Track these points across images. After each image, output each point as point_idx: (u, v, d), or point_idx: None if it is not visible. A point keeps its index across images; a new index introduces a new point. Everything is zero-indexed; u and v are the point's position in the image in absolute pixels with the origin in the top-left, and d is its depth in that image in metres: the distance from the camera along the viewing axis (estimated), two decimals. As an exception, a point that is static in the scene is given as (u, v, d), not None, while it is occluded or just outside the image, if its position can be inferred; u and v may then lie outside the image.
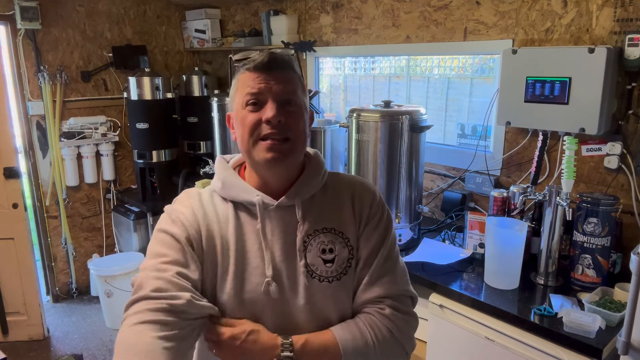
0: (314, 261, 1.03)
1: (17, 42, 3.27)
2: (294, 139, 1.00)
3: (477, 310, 1.67)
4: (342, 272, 1.04)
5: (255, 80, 0.99)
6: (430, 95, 2.63)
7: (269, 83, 0.98)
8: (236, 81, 1.04)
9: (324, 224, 1.05)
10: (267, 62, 0.99)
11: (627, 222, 1.84)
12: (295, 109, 1.00)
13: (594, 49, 1.73)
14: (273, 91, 0.98)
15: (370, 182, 1.15)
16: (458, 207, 2.32)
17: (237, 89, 1.03)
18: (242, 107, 1.00)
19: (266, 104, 0.98)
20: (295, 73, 1.03)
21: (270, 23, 3.17)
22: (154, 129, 3.44)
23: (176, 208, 1.05)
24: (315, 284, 1.02)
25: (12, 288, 3.12)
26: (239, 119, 1.01)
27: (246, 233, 1.03)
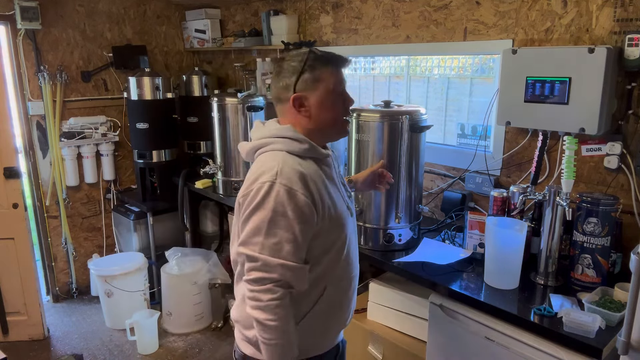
0: (346, 187, 1.51)
1: (17, 42, 3.27)
2: None
3: (477, 310, 1.67)
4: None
5: (341, 75, 1.37)
6: (430, 95, 2.63)
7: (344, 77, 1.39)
8: (321, 74, 1.33)
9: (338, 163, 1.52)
10: (343, 64, 1.37)
11: (627, 222, 1.84)
12: None
13: (594, 49, 1.73)
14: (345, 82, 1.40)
15: None
16: (458, 207, 2.32)
17: (319, 80, 1.33)
18: (331, 93, 1.34)
19: (345, 93, 1.39)
20: None
21: (270, 23, 3.17)
22: (154, 129, 3.44)
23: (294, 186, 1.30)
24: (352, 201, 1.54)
25: (12, 288, 3.12)
26: (329, 102, 1.35)
27: (327, 178, 1.37)
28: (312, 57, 1.33)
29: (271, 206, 1.23)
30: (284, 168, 1.26)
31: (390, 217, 2.08)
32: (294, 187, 1.24)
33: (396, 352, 2.01)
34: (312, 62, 1.33)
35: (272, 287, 1.24)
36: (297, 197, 1.24)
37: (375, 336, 2.09)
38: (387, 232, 2.09)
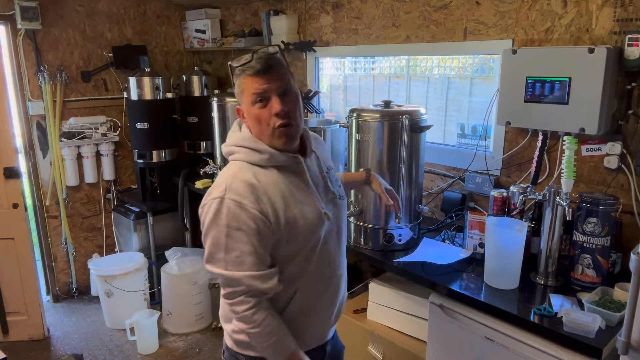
0: (335, 188, 1.44)
1: (17, 42, 3.27)
2: (296, 122, 1.31)
3: (477, 310, 1.67)
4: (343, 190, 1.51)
5: (258, 82, 1.25)
6: (430, 95, 2.63)
7: (269, 83, 1.25)
8: (240, 84, 1.29)
9: (327, 163, 1.48)
10: (264, 68, 1.25)
11: (627, 222, 1.84)
12: (293, 96, 1.30)
13: (593, 49, 1.73)
14: (273, 88, 1.26)
15: None
16: (458, 207, 2.32)
17: (242, 91, 1.29)
18: (252, 105, 1.27)
19: (271, 100, 1.26)
20: (284, 66, 1.30)
21: (270, 23, 3.17)
22: (154, 129, 3.44)
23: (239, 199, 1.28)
24: (341, 202, 1.46)
25: (12, 288, 3.12)
26: (252, 115, 1.29)
27: (294, 186, 1.33)
28: (235, 66, 1.29)
29: (225, 222, 1.24)
30: (234, 182, 1.26)
31: (390, 217, 2.08)
32: (243, 201, 1.24)
33: (396, 352, 2.01)
34: (235, 71, 1.30)
35: (244, 298, 1.28)
36: (248, 210, 1.23)
37: (375, 336, 2.09)
38: (387, 232, 2.09)
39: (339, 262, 1.48)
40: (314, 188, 1.37)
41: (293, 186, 1.32)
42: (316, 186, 1.38)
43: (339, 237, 1.46)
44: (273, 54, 1.30)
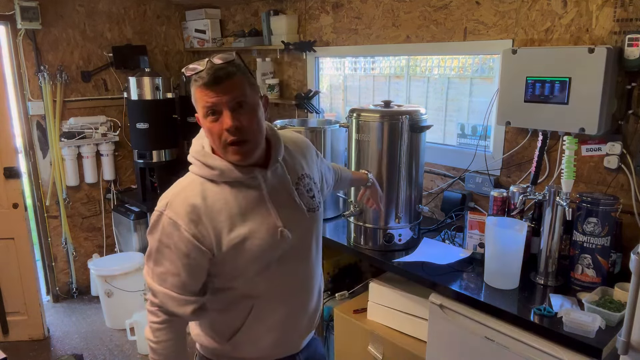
0: (306, 200, 1.35)
1: (17, 42, 3.27)
2: (252, 138, 1.21)
3: (477, 310, 1.67)
4: (320, 200, 1.41)
5: (207, 95, 1.16)
6: (430, 95, 2.63)
7: (218, 95, 1.16)
8: (193, 93, 1.20)
9: (300, 172, 1.37)
10: (212, 80, 1.15)
11: (627, 222, 1.84)
12: (248, 109, 1.19)
13: (593, 49, 1.73)
14: (224, 101, 1.16)
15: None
16: (458, 207, 2.32)
17: (196, 101, 1.21)
18: (204, 117, 1.19)
19: (222, 114, 1.17)
20: (240, 76, 1.19)
21: (270, 23, 3.17)
22: (154, 129, 3.44)
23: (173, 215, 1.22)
24: (311, 215, 1.36)
25: (12, 288, 3.12)
26: (205, 127, 1.21)
27: (248, 203, 1.24)
28: (187, 75, 1.21)
29: (158, 236, 1.22)
30: (176, 200, 1.21)
31: (390, 217, 2.08)
32: (178, 221, 1.18)
33: (396, 352, 2.01)
34: (191, 80, 1.21)
35: (156, 310, 1.25)
36: (181, 232, 1.18)
37: (375, 336, 2.09)
38: (387, 232, 2.09)
39: (305, 277, 1.39)
40: (270, 204, 1.27)
41: (247, 202, 1.24)
42: (276, 201, 1.28)
43: (307, 252, 1.38)
44: (226, 62, 1.19)
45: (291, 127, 2.43)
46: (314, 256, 1.41)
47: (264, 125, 1.26)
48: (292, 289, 1.36)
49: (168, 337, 1.26)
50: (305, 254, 1.38)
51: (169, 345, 1.27)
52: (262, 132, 1.25)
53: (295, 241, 1.31)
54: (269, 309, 1.33)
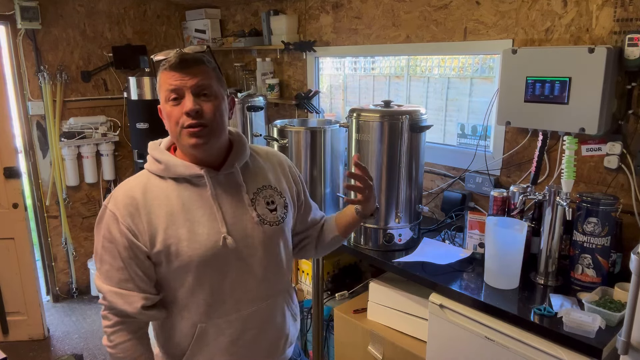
0: (262, 212, 1.28)
1: (17, 42, 3.27)
2: (210, 124, 1.18)
3: (477, 310, 1.67)
4: (283, 217, 1.33)
5: (172, 77, 1.16)
6: (430, 95, 2.63)
7: (183, 79, 1.15)
8: (158, 79, 1.20)
9: (263, 183, 1.32)
10: (179, 62, 1.16)
11: (627, 222, 1.84)
12: (211, 98, 1.18)
13: (593, 49, 1.73)
14: (188, 85, 1.16)
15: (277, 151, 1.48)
16: (458, 207, 2.32)
17: (160, 86, 1.19)
18: (166, 101, 1.18)
19: (184, 98, 1.16)
20: (208, 66, 1.20)
21: (270, 23, 3.17)
22: (154, 129, 3.43)
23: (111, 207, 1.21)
24: (267, 229, 1.28)
25: (12, 288, 3.12)
26: (165, 113, 1.20)
27: (192, 203, 1.20)
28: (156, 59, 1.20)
29: (102, 232, 1.20)
30: (118, 192, 1.21)
31: (390, 217, 2.08)
32: (116, 213, 1.17)
33: (396, 352, 2.01)
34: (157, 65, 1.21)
35: (107, 314, 1.22)
36: (118, 224, 1.17)
37: (375, 336, 2.09)
38: (387, 232, 2.09)
39: (258, 297, 1.28)
40: (217, 208, 1.21)
41: (191, 201, 1.20)
42: (224, 206, 1.22)
43: (261, 269, 1.27)
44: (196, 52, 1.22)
45: (291, 127, 2.43)
46: (272, 274, 1.30)
47: (226, 120, 1.24)
48: (240, 309, 1.26)
49: (124, 338, 1.21)
50: (259, 270, 1.27)
51: (127, 346, 1.21)
52: (223, 126, 1.22)
53: (244, 254, 1.23)
54: (215, 329, 1.25)
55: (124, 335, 1.22)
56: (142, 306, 1.19)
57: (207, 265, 1.19)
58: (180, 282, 1.21)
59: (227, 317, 1.25)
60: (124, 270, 1.18)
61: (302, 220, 1.48)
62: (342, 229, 1.47)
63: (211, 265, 1.20)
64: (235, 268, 1.23)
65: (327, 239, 1.49)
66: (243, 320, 1.27)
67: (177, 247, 1.17)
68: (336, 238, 1.49)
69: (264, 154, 1.40)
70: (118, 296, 1.19)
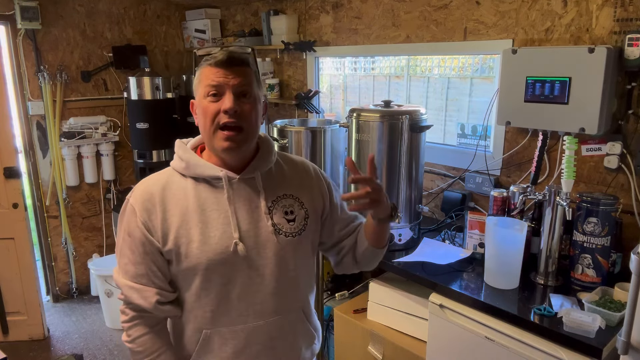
0: (279, 221, 1.23)
1: (17, 42, 3.27)
2: (247, 128, 1.16)
3: (477, 310, 1.67)
4: (302, 229, 1.25)
5: (216, 74, 1.14)
6: (430, 95, 2.63)
7: (227, 77, 1.13)
8: (199, 74, 1.18)
9: (284, 191, 1.26)
10: (226, 59, 1.14)
11: (627, 221, 1.84)
12: (250, 100, 1.16)
13: (594, 49, 1.73)
14: (231, 84, 1.14)
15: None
16: (458, 206, 2.32)
17: (200, 81, 1.17)
18: (204, 97, 1.15)
19: (224, 95, 1.13)
20: (251, 69, 1.18)
21: (270, 23, 3.17)
22: (154, 129, 3.44)
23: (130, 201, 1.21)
24: (282, 239, 1.22)
25: (12, 288, 3.12)
26: (201, 108, 1.17)
27: (208, 205, 1.18)
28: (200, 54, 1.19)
29: (123, 225, 1.21)
30: (140, 186, 1.21)
31: (390, 217, 2.07)
32: (135, 207, 1.18)
33: (396, 352, 2.01)
34: (199, 61, 1.19)
35: (124, 308, 1.22)
36: (136, 218, 1.17)
37: (375, 336, 2.09)
38: (387, 232, 2.08)
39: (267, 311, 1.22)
40: (232, 212, 1.18)
41: (207, 203, 1.18)
42: (240, 211, 1.19)
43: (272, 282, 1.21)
44: (242, 52, 1.19)
45: (291, 127, 2.43)
46: (285, 289, 1.24)
47: (260, 125, 1.22)
48: (247, 320, 1.21)
49: (141, 332, 1.21)
50: (270, 283, 1.21)
51: (145, 340, 1.21)
52: (257, 129, 1.21)
53: (255, 263, 1.19)
54: (219, 337, 1.22)
55: (141, 329, 1.21)
56: (156, 301, 1.19)
57: (214, 270, 1.17)
58: (187, 284, 1.20)
59: (233, 327, 1.21)
60: (140, 264, 1.18)
61: (331, 232, 1.36)
62: (369, 237, 1.31)
63: (219, 270, 1.17)
64: (244, 277, 1.19)
65: (360, 250, 1.34)
66: (248, 333, 1.22)
67: (187, 247, 1.16)
68: (369, 250, 1.32)
69: (291, 162, 1.34)
70: (134, 290, 1.19)
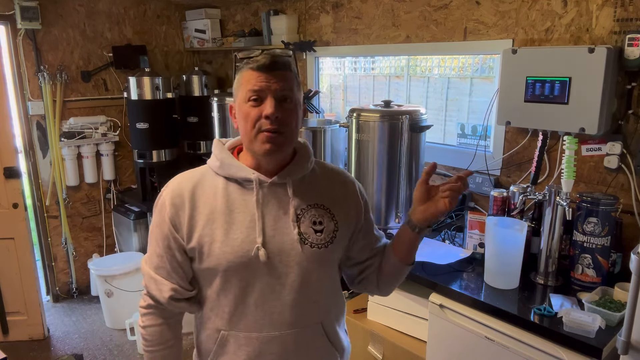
0: (306, 230, 1.19)
1: (17, 42, 3.27)
2: (287, 132, 1.14)
3: (477, 310, 1.67)
4: (329, 241, 1.21)
5: (257, 78, 1.11)
6: (430, 95, 2.63)
7: (269, 82, 1.11)
8: (240, 77, 1.16)
9: (315, 201, 1.22)
10: (268, 64, 1.11)
11: (627, 221, 1.84)
12: (291, 105, 1.14)
13: (594, 49, 1.73)
14: (272, 89, 1.11)
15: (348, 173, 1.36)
16: (458, 206, 2.32)
17: (240, 85, 1.15)
18: (245, 101, 1.13)
19: (266, 100, 1.11)
20: (292, 72, 1.16)
21: (270, 23, 3.17)
22: (154, 128, 3.44)
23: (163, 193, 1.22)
24: (307, 250, 1.18)
25: (12, 288, 3.12)
26: (242, 112, 1.14)
27: (236, 207, 1.17)
28: (242, 57, 1.19)
29: (154, 217, 1.22)
30: (174, 181, 1.22)
31: (390, 217, 2.08)
32: (166, 201, 1.18)
33: (396, 352, 2.01)
34: (239, 63, 1.16)
35: (144, 294, 1.24)
36: (164, 212, 1.18)
37: (375, 336, 2.09)
38: (387, 232, 2.09)
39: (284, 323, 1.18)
40: (259, 215, 1.15)
41: (235, 204, 1.16)
42: (267, 216, 1.17)
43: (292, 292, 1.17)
44: (284, 55, 1.17)
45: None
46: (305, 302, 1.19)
47: (299, 128, 1.20)
48: (262, 329, 1.18)
49: (154, 322, 1.23)
50: (289, 294, 1.17)
51: (155, 330, 1.23)
52: (297, 134, 1.19)
53: (277, 272, 1.16)
54: (234, 340, 1.20)
55: (154, 319, 1.23)
56: (170, 297, 1.19)
57: (234, 273, 1.15)
58: (208, 283, 1.20)
59: (248, 334, 1.18)
60: (162, 257, 1.19)
61: (361, 249, 1.30)
62: (400, 251, 1.25)
63: (238, 273, 1.15)
64: (264, 283, 1.16)
65: (385, 267, 1.29)
66: (263, 342, 1.18)
67: (209, 247, 1.15)
68: (396, 265, 1.26)
69: (327, 171, 1.30)
70: (152, 281, 1.20)
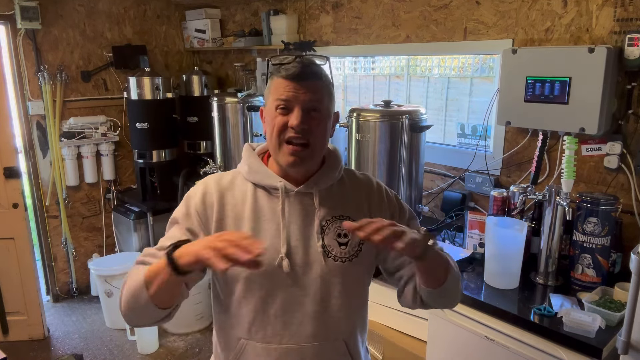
0: (330, 243, 1.15)
1: (17, 42, 3.27)
2: (313, 144, 1.12)
3: (477, 310, 1.67)
4: (354, 255, 1.17)
5: (286, 87, 1.09)
6: (430, 95, 2.63)
7: (297, 92, 1.09)
8: (270, 84, 1.14)
9: (341, 212, 1.18)
10: (298, 73, 1.09)
11: (627, 221, 1.84)
12: (319, 115, 1.11)
13: (594, 49, 1.73)
14: (300, 100, 1.09)
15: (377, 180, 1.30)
16: (458, 206, 2.32)
17: (270, 92, 1.13)
18: (273, 109, 1.11)
19: (293, 110, 1.09)
20: (324, 82, 1.13)
21: (270, 23, 3.17)
22: (154, 128, 3.44)
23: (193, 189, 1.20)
24: (330, 262, 1.15)
25: (12, 288, 3.12)
26: (269, 118, 1.13)
27: (263, 214, 1.15)
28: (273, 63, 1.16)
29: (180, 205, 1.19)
30: (211, 179, 1.20)
31: (390, 217, 2.07)
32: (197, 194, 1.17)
33: (396, 352, 2.01)
34: (271, 69, 1.14)
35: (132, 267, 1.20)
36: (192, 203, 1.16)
37: (375, 336, 2.08)
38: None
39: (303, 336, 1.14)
40: (284, 225, 1.13)
41: (262, 212, 1.15)
42: (292, 224, 1.14)
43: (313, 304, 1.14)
44: (317, 63, 1.13)
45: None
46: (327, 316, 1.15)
47: (328, 140, 1.17)
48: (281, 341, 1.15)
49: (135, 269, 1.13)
50: (311, 306, 1.14)
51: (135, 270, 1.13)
52: (325, 145, 1.16)
53: (299, 283, 1.13)
54: (253, 350, 1.16)
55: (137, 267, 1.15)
56: None
57: (255, 281, 1.12)
58: (230, 290, 1.17)
59: (267, 345, 1.15)
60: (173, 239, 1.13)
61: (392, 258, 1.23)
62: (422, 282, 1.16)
63: (260, 283, 1.12)
64: (286, 294, 1.13)
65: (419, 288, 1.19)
66: (281, 354, 1.15)
67: None
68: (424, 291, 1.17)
69: (356, 180, 1.25)
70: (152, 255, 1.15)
